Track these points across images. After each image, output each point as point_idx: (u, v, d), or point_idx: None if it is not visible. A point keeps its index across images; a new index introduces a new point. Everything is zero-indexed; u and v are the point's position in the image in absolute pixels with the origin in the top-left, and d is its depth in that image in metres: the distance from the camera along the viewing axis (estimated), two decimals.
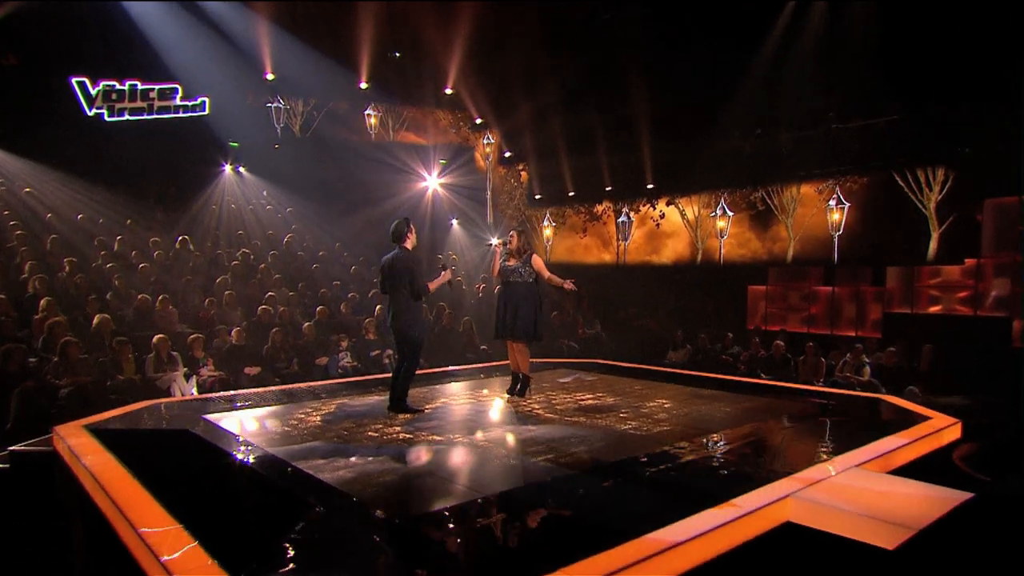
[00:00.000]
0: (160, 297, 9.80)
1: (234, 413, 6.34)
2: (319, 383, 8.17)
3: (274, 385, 8.95)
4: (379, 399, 6.87)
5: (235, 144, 15.93)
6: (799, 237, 13.45)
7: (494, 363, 9.91)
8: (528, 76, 15.83)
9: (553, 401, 6.72)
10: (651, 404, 6.57)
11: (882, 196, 12.00)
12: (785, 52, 12.64)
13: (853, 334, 12.15)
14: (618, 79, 14.72)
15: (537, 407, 6.43)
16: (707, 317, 13.72)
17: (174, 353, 8.54)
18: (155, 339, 8.40)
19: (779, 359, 10.38)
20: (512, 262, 6.83)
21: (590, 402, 6.69)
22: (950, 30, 10.06)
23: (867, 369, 9.47)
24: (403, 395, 6.12)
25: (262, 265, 12.56)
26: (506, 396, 6.93)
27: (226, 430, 5.61)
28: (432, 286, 6.07)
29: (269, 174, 16.22)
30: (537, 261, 6.79)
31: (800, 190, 13.26)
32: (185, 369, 8.62)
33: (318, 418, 6.00)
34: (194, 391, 8.56)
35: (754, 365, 10.63)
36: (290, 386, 7.91)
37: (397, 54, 16.19)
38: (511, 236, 6.90)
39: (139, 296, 9.78)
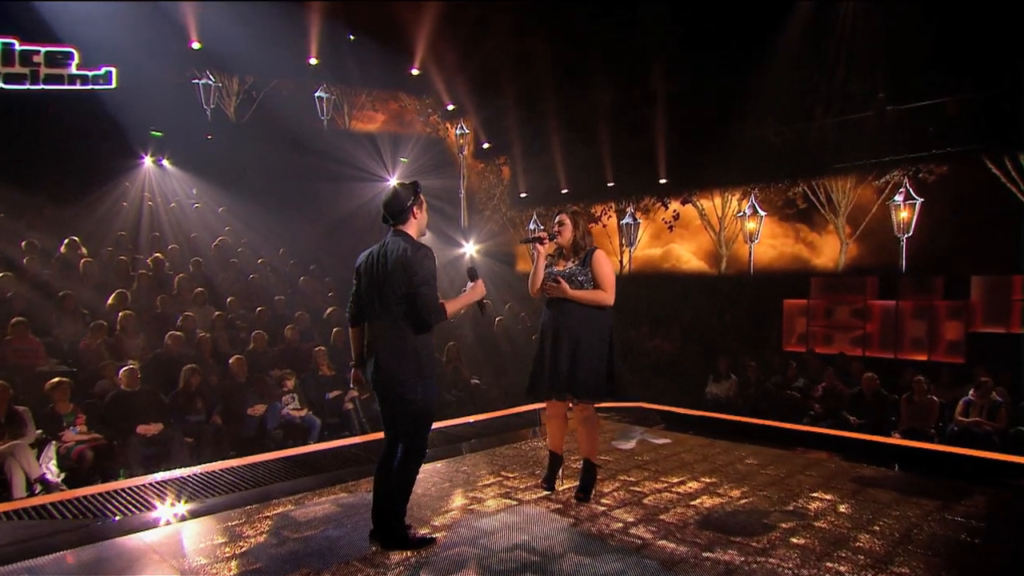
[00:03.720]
0: (13, 321, 6.69)
1: (75, 552, 3.36)
2: (245, 461, 5.16)
3: (181, 452, 6.07)
4: (346, 499, 4.04)
5: (157, 133, 12.97)
6: (854, 240, 11.10)
7: (501, 412, 7.12)
8: (512, 53, 13.22)
9: (646, 501, 3.96)
10: (813, 506, 3.89)
11: (964, 189, 9.74)
12: (822, 22, 10.53)
13: (924, 358, 9.91)
14: (623, 53, 12.24)
15: (630, 519, 3.67)
16: (725, 335, 11.38)
17: (19, 408, 5.59)
18: None
19: (871, 397, 7.90)
20: (563, 265, 4.08)
21: (708, 503, 3.96)
22: None
23: (1003, 411, 7.06)
24: (400, 514, 3.25)
25: (179, 275, 9.50)
26: (545, 488, 4.22)
27: None
28: (452, 307, 3.25)
29: (198, 167, 13.26)
30: (601, 264, 3.98)
31: (854, 184, 10.89)
32: (39, 432, 5.67)
33: (233, 566, 3.12)
34: (51, 469, 5.57)
35: (835, 404, 8.14)
36: (200, 469, 4.91)
37: (352, 36, 13.56)
38: (559, 223, 4.06)
39: None
